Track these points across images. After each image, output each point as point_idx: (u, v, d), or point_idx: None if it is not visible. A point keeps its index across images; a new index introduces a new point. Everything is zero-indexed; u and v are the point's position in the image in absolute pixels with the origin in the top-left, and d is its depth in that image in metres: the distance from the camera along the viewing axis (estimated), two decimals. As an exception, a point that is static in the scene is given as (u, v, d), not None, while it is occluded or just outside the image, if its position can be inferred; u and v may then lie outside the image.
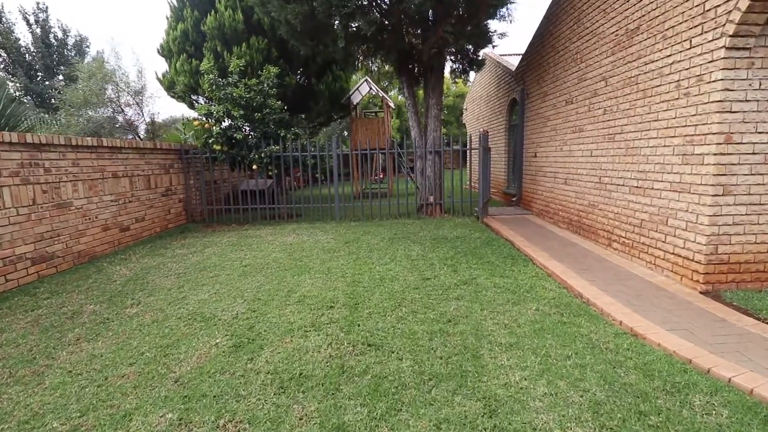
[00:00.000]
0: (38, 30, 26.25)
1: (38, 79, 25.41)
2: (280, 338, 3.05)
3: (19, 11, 27.50)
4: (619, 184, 5.11)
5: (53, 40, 26.66)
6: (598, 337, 2.94)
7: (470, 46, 8.44)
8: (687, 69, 3.95)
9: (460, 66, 8.77)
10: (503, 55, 11.82)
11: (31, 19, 26.20)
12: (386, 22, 7.46)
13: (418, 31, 8.00)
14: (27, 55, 25.51)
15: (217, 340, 3.05)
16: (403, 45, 7.44)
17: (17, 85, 24.11)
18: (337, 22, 6.64)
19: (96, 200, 5.83)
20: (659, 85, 4.35)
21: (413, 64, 8.52)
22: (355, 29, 7.17)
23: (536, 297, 3.73)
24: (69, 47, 27.15)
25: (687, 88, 3.95)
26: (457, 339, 2.95)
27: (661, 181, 4.33)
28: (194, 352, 2.91)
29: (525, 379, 2.44)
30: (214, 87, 7.62)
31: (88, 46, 27.77)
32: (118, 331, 3.33)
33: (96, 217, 5.80)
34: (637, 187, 4.75)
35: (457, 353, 2.76)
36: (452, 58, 8.69)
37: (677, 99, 4.08)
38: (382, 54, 7.66)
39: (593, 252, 5.25)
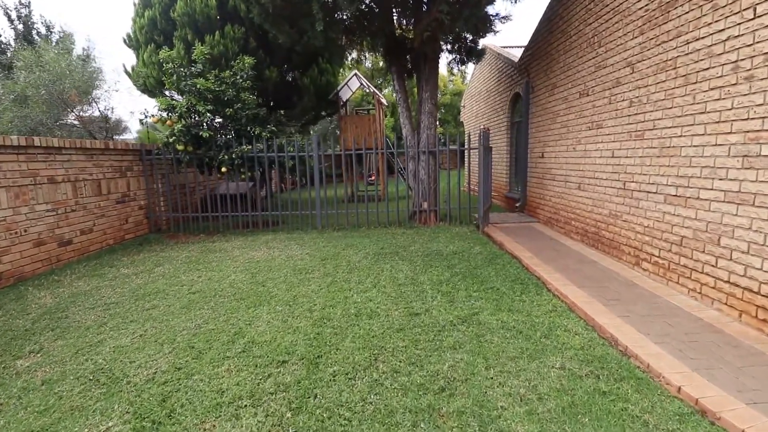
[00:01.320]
0: (20, 26, 25.20)
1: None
2: (199, 421, 2.13)
3: (0, 7, 26.46)
4: (650, 192, 4.21)
5: (36, 37, 25.63)
6: (657, 422, 2.03)
7: (468, 34, 7.54)
8: (749, 45, 3.06)
9: (458, 56, 7.86)
10: (505, 47, 10.92)
11: (13, 15, 25.17)
12: (373, 5, 6.55)
13: (412, 21, 7.09)
14: (8, 52, 24.46)
15: (110, 424, 2.13)
16: (391, 28, 6.51)
17: (-2, 83, 23.04)
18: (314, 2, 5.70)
19: (25, 210, 4.90)
20: (708, 68, 3.45)
21: (405, 54, 7.60)
22: (336, 12, 6.25)
23: (558, 345, 2.82)
24: (53, 44, 26.09)
25: (750, 70, 3.06)
26: (454, 425, 2.04)
27: (711, 189, 3.44)
28: (71, 445, 2.00)
29: None
30: (175, 77, 6.68)
31: (72, 43, 26.75)
32: (-11, 400, 2.42)
33: (25, 231, 4.87)
34: (675, 195, 3.85)
35: (452, 453, 1.85)
36: (448, 47, 7.79)
37: (735, 85, 3.19)
38: (368, 41, 6.72)
39: (618, 273, 4.35)
